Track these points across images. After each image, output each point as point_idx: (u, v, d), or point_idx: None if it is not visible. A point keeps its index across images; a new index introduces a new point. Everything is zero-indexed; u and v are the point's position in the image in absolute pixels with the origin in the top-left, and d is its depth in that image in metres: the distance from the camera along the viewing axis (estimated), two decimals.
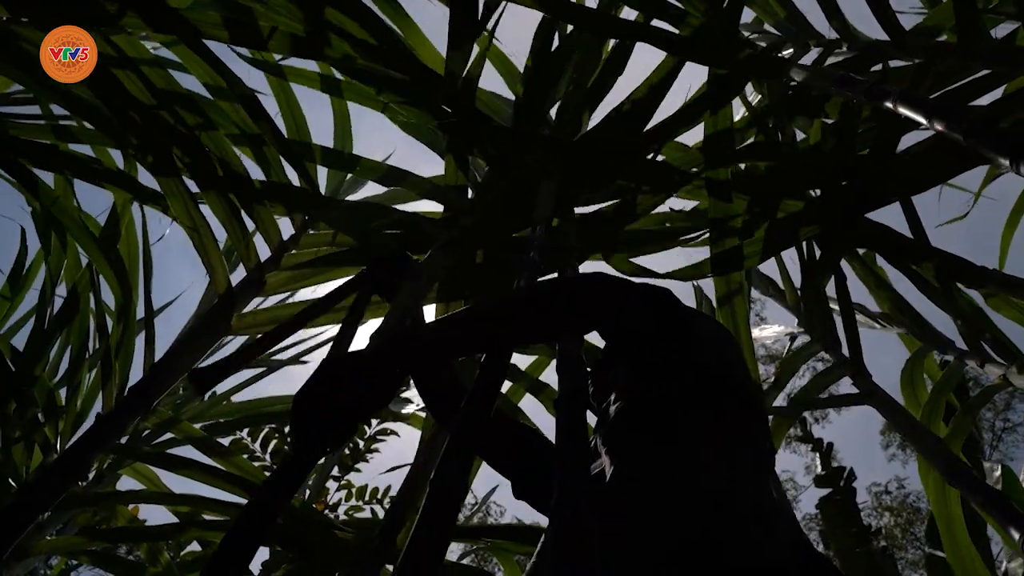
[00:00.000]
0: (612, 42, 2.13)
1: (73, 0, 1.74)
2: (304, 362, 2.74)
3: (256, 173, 2.01)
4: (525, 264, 1.37)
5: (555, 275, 1.71)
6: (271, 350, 2.68)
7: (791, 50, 2.32)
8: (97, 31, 1.69)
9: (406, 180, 2.15)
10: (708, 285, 2.46)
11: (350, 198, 2.36)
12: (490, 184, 2.04)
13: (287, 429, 2.80)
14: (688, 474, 0.80)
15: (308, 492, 2.56)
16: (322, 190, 2.21)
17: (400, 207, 2.16)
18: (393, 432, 2.97)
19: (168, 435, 2.08)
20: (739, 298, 2.06)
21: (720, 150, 1.97)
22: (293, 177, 2.07)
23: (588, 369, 1.19)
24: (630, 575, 0.75)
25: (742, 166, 2.19)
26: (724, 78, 1.96)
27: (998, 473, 2.36)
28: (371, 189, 2.48)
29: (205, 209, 1.87)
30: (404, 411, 2.68)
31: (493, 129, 1.98)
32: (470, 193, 2.10)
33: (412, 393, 2.79)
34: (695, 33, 1.90)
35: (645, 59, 2.12)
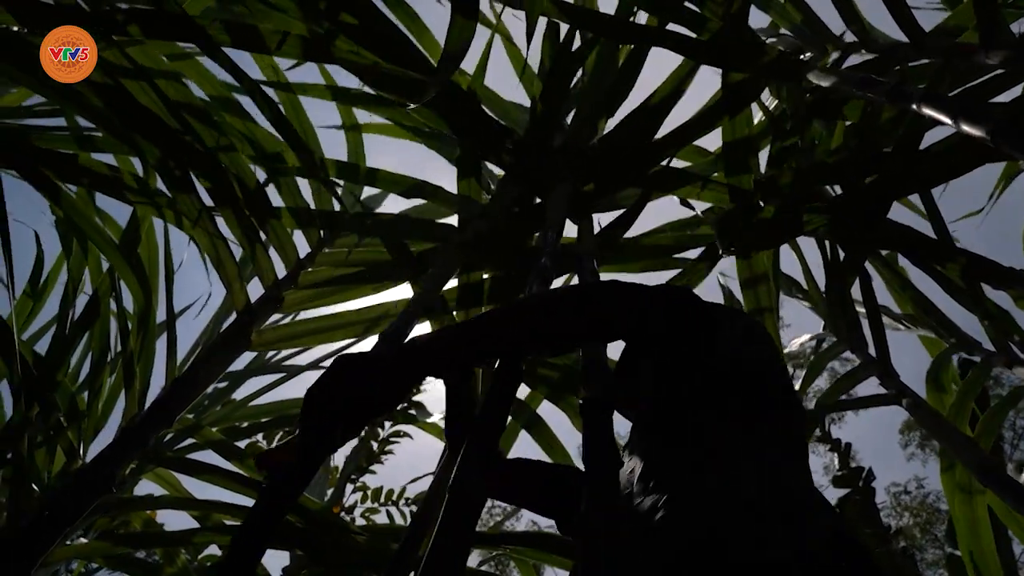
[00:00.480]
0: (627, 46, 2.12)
1: (84, 11, 1.75)
2: (324, 368, 2.74)
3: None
4: (537, 270, 1.37)
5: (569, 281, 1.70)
6: (289, 354, 2.70)
7: (809, 55, 2.31)
8: (109, 41, 1.69)
9: (424, 191, 2.15)
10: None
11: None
12: (504, 190, 2.04)
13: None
14: (693, 475, 0.82)
15: (328, 495, 2.57)
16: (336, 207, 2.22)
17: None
18: (406, 434, 2.98)
19: (189, 440, 2.10)
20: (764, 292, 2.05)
21: (739, 155, 1.95)
22: (304, 189, 2.10)
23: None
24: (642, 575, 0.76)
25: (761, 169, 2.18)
26: (740, 83, 1.94)
27: None
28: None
29: (222, 225, 1.88)
30: (416, 416, 2.70)
31: (506, 137, 1.97)
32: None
33: (423, 398, 2.81)
34: (712, 37, 1.89)
35: (656, 64, 2.11)
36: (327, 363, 2.67)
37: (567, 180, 1.85)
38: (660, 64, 2.05)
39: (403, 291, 2.13)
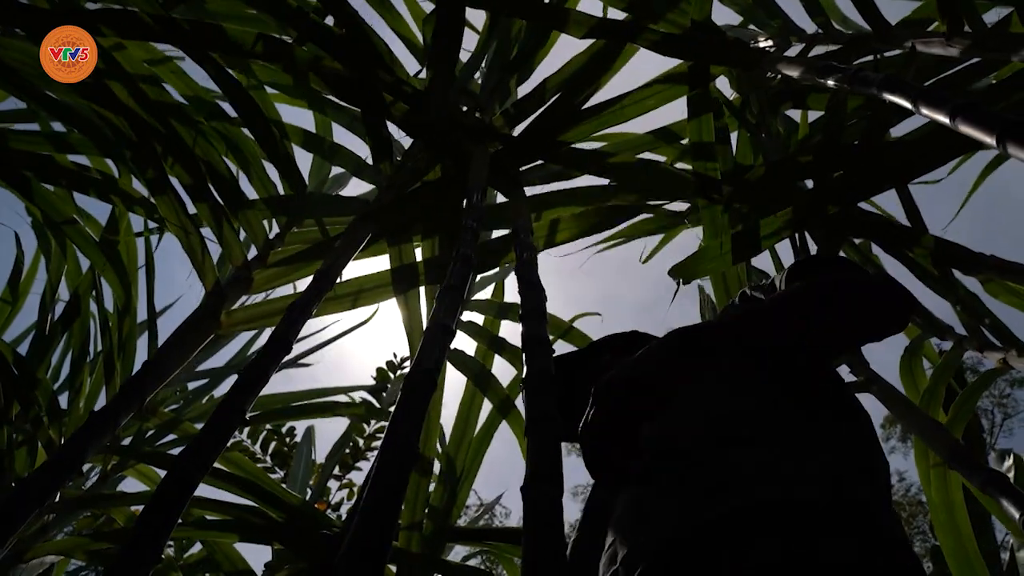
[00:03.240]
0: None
1: (65, 8, 1.76)
2: (305, 364, 2.76)
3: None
4: (465, 231, 1.38)
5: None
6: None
7: (772, 46, 2.33)
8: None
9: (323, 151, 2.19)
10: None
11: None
12: (410, 156, 2.06)
13: (284, 429, 2.83)
14: None
15: (311, 492, 2.57)
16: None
17: None
18: None
19: (171, 436, 2.10)
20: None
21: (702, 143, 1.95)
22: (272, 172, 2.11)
23: None
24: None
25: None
26: (694, 67, 1.93)
27: (1009, 462, 2.35)
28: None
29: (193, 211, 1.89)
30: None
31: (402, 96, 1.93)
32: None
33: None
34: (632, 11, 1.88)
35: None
36: (307, 360, 2.69)
37: (482, 144, 1.85)
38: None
39: (376, 263, 2.14)
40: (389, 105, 1.89)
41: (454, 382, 2.50)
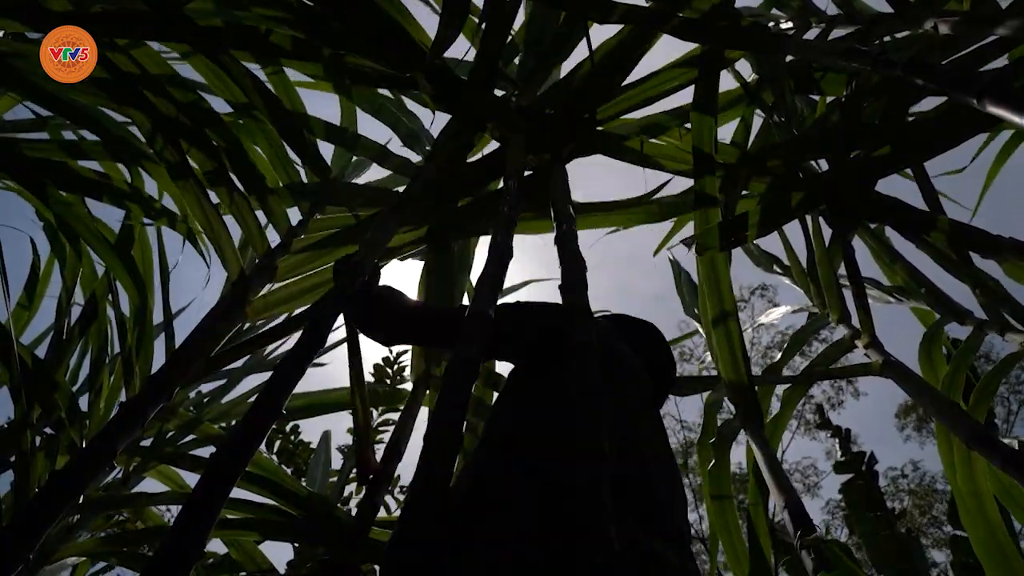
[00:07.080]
0: None
1: (79, 12, 1.75)
2: (320, 364, 2.75)
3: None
4: (499, 220, 1.37)
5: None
6: (286, 351, 2.70)
7: (791, 28, 2.31)
8: (103, 36, 1.69)
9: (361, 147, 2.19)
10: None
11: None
12: (443, 140, 2.05)
13: (288, 428, 2.84)
14: None
15: (331, 492, 2.57)
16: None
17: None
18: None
19: (191, 437, 2.10)
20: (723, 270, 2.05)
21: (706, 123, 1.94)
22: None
23: None
24: None
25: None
26: (710, 52, 1.92)
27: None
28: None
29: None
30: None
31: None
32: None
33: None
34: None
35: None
36: (323, 359, 2.69)
37: (520, 130, 1.85)
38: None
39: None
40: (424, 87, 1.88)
41: None
